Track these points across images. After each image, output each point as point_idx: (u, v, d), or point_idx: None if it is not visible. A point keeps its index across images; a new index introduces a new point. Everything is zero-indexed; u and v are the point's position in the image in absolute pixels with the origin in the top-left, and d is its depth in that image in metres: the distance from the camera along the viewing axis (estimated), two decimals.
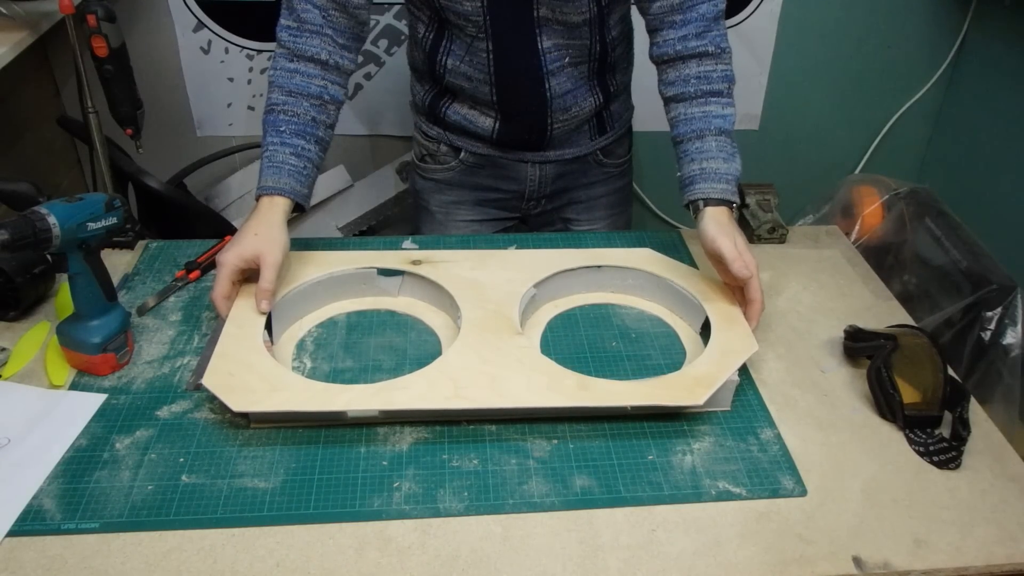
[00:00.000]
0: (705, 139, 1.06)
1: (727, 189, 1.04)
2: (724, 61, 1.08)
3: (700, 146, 1.06)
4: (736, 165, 1.06)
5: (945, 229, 1.47)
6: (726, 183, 1.04)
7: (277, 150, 1.04)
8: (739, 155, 1.08)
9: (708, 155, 1.05)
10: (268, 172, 1.04)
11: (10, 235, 0.80)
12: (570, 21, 1.11)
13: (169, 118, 1.93)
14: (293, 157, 1.04)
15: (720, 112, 1.07)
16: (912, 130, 2.22)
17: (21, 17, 1.37)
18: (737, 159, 1.07)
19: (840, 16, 2.01)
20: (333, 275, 1.06)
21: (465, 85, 1.17)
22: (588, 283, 1.11)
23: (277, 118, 1.05)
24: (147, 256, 1.17)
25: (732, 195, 1.04)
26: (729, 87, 1.08)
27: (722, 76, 1.07)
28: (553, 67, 1.15)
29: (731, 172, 1.05)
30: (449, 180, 1.31)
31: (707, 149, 1.05)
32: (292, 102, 1.05)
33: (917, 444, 0.89)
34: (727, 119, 1.07)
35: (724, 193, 1.03)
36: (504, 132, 1.22)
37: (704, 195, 1.03)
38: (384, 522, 0.78)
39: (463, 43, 1.12)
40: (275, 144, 1.04)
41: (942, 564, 0.76)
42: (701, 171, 1.05)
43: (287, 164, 1.04)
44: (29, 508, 0.77)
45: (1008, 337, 1.31)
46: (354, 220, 1.86)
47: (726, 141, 1.06)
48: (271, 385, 0.85)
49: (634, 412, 0.89)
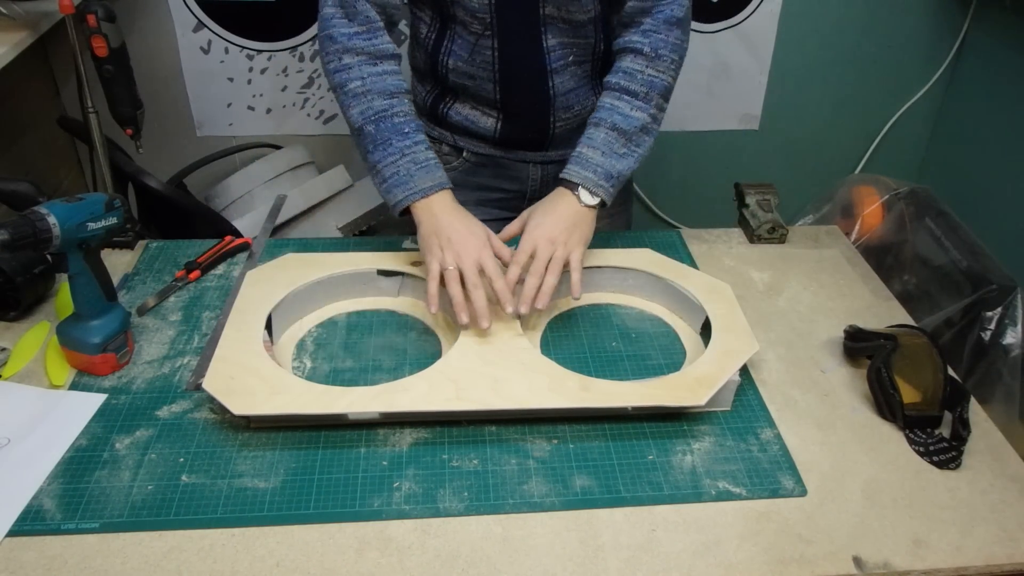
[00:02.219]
0: (599, 128, 1.07)
1: (590, 179, 1.04)
2: (658, 67, 1.07)
3: (591, 133, 1.07)
4: (617, 164, 1.05)
5: (945, 229, 1.47)
6: (593, 173, 1.05)
7: (416, 150, 1.05)
8: (633, 159, 1.07)
9: (592, 143, 1.06)
10: (420, 174, 1.03)
11: (10, 235, 0.80)
12: (575, 19, 1.11)
13: (169, 118, 1.93)
14: (428, 151, 1.06)
15: (626, 111, 1.06)
16: (912, 130, 2.22)
17: (21, 17, 1.37)
18: (625, 160, 1.06)
19: (840, 16, 2.01)
20: (333, 275, 1.06)
21: (468, 84, 1.17)
22: (588, 283, 1.10)
23: (393, 123, 1.05)
24: (147, 256, 1.17)
25: (594, 185, 1.04)
26: (650, 92, 1.07)
27: (647, 80, 1.06)
28: (557, 65, 1.15)
29: (605, 166, 1.05)
30: (451, 180, 1.30)
31: (595, 137, 1.06)
32: (396, 103, 1.06)
33: (917, 444, 0.89)
34: (630, 120, 1.06)
35: (585, 181, 1.04)
36: (506, 132, 1.22)
37: (567, 176, 1.05)
38: (384, 522, 0.78)
39: (467, 41, 1.12)
40: (409, 147, 1.04)
41: (942, 564, 0.76)
42: (578, 155, 1.07)
43: (431, 160, 1.05)
44: (29, 508, 0.77)
45: (1008, 337, 1.31)
46: (354, 220, 1.85)
47: (617, 138, 1.06)
48: (272, 388, 0.85)
49: (635, 412, 0.89)
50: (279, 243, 1.22)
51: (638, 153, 1.08)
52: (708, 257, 1.22)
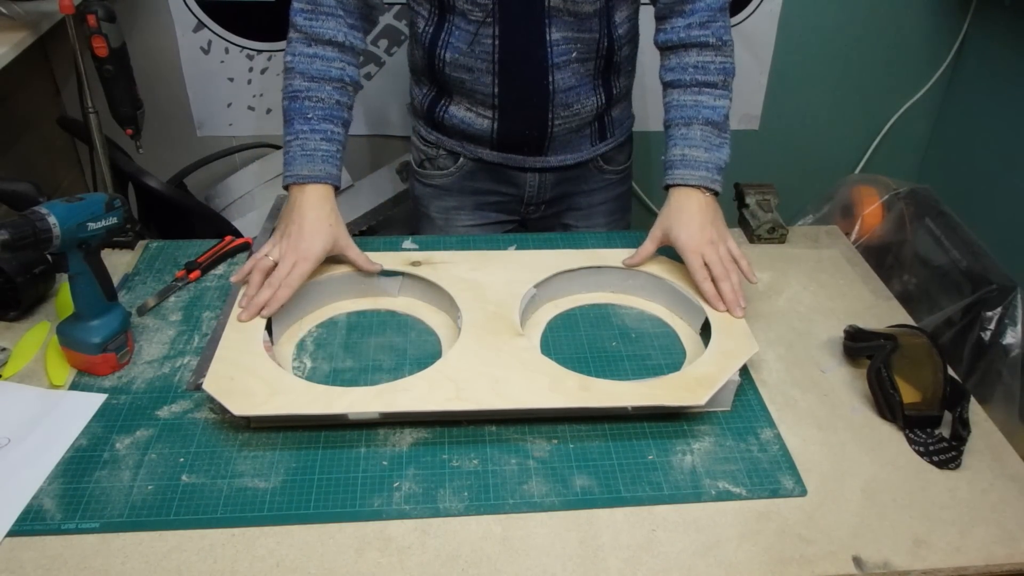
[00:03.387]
0: (692, 127, 1.08)
1: (705, 176, 1.06)
2: (724, 53, 1.10)
3: (686, 133, 1.08)
4: (720, 155, 1.08)
5: (945, 229, 1.47)
6: (706, 171, 1.06)
7: (308, 137, 1.05)
8: (728, 146, 1.10)
9: (692, 143, 1.07)
10: (301, 160, 1.04)
11: (10, 235, 0.80)
12: (581, 11, 1.11)
13: (169, 118, 1.93)
14: (324, 143, 1.05)
15: (711, 103, 1.09)
16: (912, 130, 2.22)
17: (21, 17, 1.37)
18: (724, 150, 1.09)
19: (840, 16, 2.01)
20: (333, 275, 1.06)
21: (465, 78, 1.16)
22: (588, 283, 1.11)
23: (303, 105, 1.05)
24: (147, 256, 1.17)
25: (711, 182, 1.06)
26: (725, 79, 1.10)
27: (719, 68, 1.09)
28: (559, 60, 1.14)
29: (712, 161, 1.07)
30: (448, 185, 1.30)
31: (692, 136, 1.08)
32: (315, 87, 1.05)
33: (917, 444, 0.89)
34: (717, 110, 1.09)
35: (702, 180, 1.06)
36: (503, 132, 1.21)
37: (682, 180, 1.06)
38: (384, 522, 0.78)
39: (466, 32, 1.12)
40: (304, 132, 1.05)
41: (942, 564, 0.76)
42: (682, 157, 1.07)
43: (319, 150, 1.04)
44: (29, 508, 0.77)
45: (1008, 337, 1.31)
46: (354, 220, 1.85)
47: (712, 131, 1.08)
48: (272, 388, 0.85)
49: (635, 412, 0.89)
50: None
51: (728, 137, 1.11)
52: None
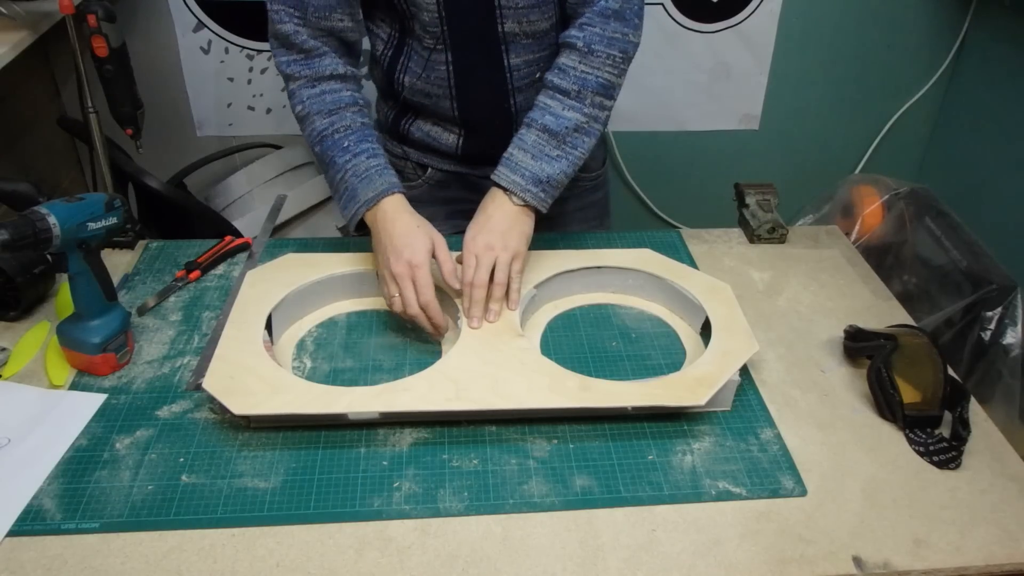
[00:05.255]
0: (530, 130, 1.04)
1: (518, 183, 1.01)
2: (591, 63, 1.02)
3: (523, 134, 1.04)
4: (548, 168, 1.02)
5: (945, 229, 1.47)
6: (521, 177, 1.01)
7: (355, 164, 1.02)
8: (567, 162, 1.03)
9: (523, 146, 1.03)
10: (361, 186, 1.01)
11: (10, 235, 0.80)
12: (538, 29, 1.08)
13: (169, 118, 1.93)
14: (371, 160, 1.03)
15: (557, 111, 1.02)
16: (912, 130, 2.22)
17: (21, 17, 1.37)
18: (557, 163, 1.02)
19: (840, 16, 2.01)
20: (333, 275, 1.06)
21: (425, 102, 1.15)
22: (588, 283, 1.11)
23: (334, 140, 1.03)
24: (147, 256, 1.17)
25: (522, 191, 1.01)
26: (583, 90, 1.02)
27: (578, 77, 1.02)
28: (521, 84, 1.12)
29: (535, 170, 1.01)
30: (418, 197, 1.27)
31: (525, 139, 1.03)
32: (337, 119, 1.04)
33: (917, 444, 0.89)
34: (561, 120, 1.02)
35: (512, 185, 1.01)
36: (468, 147, 1.19)
37: (496, 179, 1.03)
38: (384, 522, 0.78)
39: (421, 57, 1.10)
40: (349, 162, 1.02)
41: (942, 564, 0.76)
42: (509, 156, 1.04)
43: (371, 169, 1.02)
44: (29, 508, 0.77)
45: (1008, 337, 1.32)
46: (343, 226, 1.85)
47: (548, 140, 1.02)
48: (272, 388, 0.85)
49: (635, 412, 0.89)
50: (279, 243, 1.22)
51: (573, 155, 1.03)
52: (708, 257, 1.22)
